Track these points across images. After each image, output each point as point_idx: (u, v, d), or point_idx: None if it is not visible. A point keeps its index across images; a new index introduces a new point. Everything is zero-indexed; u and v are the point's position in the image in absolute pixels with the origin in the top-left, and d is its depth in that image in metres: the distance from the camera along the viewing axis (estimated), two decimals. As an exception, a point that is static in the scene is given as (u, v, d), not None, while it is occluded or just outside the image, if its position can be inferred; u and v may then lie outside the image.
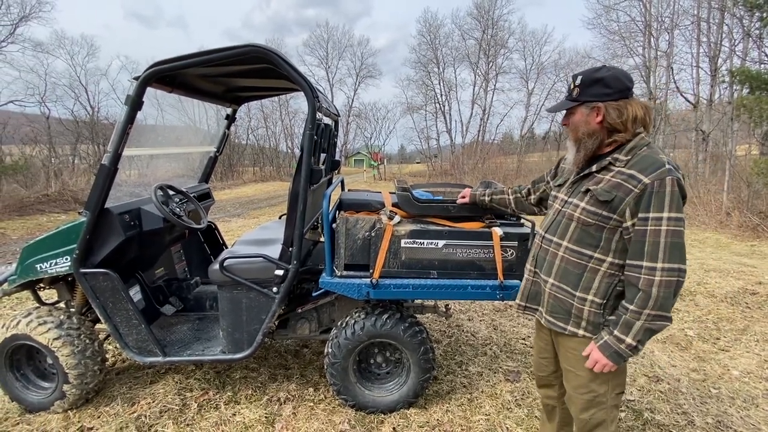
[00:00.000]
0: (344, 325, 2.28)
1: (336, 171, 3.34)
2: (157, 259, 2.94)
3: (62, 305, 2.57)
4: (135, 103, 2.03)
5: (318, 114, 2.15)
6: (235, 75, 2.60)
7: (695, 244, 7.15)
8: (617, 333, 1.34)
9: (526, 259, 1.71)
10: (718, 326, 3.72)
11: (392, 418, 2.33)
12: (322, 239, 2.32)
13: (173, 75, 2.29)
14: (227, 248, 3.23)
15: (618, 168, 1.37)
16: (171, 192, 2.76)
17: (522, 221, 2.43)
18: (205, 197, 3.26)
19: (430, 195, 2.45)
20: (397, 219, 2.17)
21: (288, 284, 2.22)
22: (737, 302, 4.25)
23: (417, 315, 2.63)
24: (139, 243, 2.51)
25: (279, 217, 3.39)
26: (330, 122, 2.88)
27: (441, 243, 2.13)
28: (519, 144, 31.31)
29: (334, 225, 2.19)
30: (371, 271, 2.14)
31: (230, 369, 2.84)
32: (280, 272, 2.22)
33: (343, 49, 37.74)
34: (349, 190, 2.85)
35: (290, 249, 2.21)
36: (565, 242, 1.48)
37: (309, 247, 2.68)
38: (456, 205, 2.23)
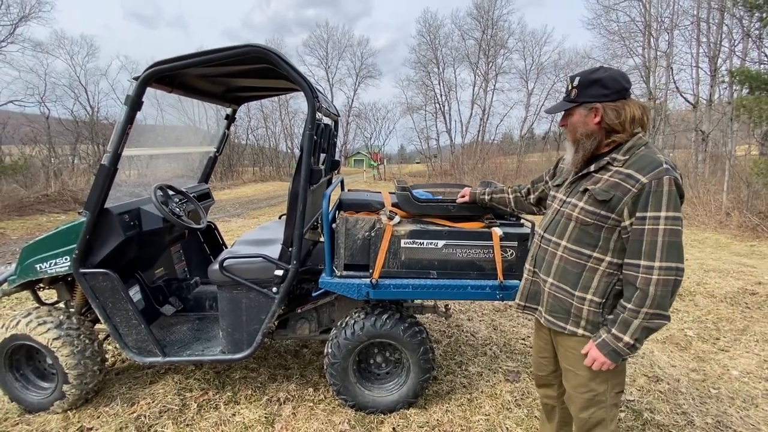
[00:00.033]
0: (344, 326, 2.28)
1: (336, 171, 3.34)
2: (157, 259, 2.94)
3: (62, 305, 2.57)
4: (135, 103, 2.03)
5: (318, 114, 2.15)
6: (235, 75, 2.60)
7: (695, 245, 7.15)
8: (615, 331, 1.35)
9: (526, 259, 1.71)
10: (718, 326, 3.72)
11: (392, 419, 2.33)
12: (322, 239, 2.32)
13: (173, 75, 2.29)
14: (227, 248, 3.24)
15: (616, 168, 1.38)
16: (171, 192, 2.76)
17: (522, 221, 2.43)
18: (205, 197, 3.26)
19: (430, 195, 2.45)
20: (397, 219, 2.17)
21: (288, 284, 2.22)
22: (737, 302, 4.25)
23: (417, 315, 2.62)
24: (139, 243, 2.51)
25: (279, 217, 3.39)
26: (330, 122, 2.88)
27: (441, 243, 2.13)
28: (519, 144, 31.33)
29: (334, 225, 2.19)
30: (371, 272, 2.15)
31: (230, 369, 2.84)
32: (280, 272, 2.22)
33: (343, 49, 37.76)
34: (349, 190, 2.85)
35: (290, 249, 2.21)
36: (564, 242, 1.49)
37: (309, 247, 2.68)
38: (456, 205, 2.23)
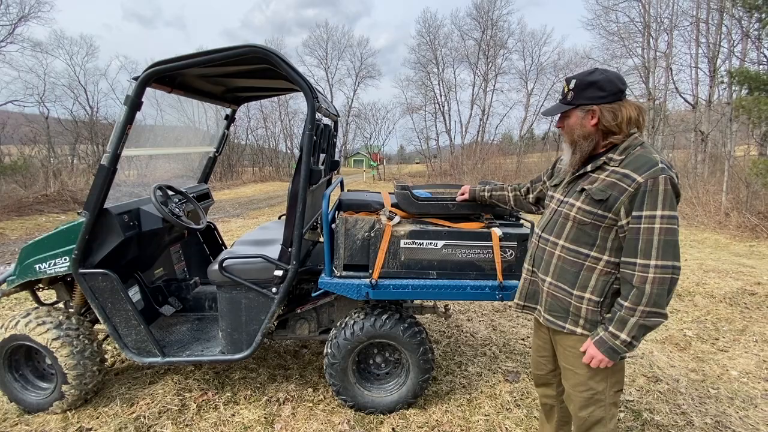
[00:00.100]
0: (343, 326, 2.28)
1: (335, 171, 3.34)
2: (156, 260, 2.94)
3: (61, 306, 2.57)
4: (134, 104, 2.03)
5: (317, 114, 2.15)
6: (235, 75, 2.60)
7: (694, 245, 7.16)
8: (612, 329, 1.36)
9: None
10: (717, 326, 3.72)
11: (391, 419, 2.33)
12: (322, 240, 2.32)
13: (173, 75, 2.29)
14: (226, 248, 3.23)
15: (612, 167, 1.39)
16: (170, 192, 2.76)
17: (521, 221, 2.44)
18: (205, 197, 3.26)
19: (429, 195, 2.45)
20: (397, 219, 2.17)
21: (287, 285, 2.22)
22: (736, 302, 4.25)
23: (416, 315, 2.62)
24: (138, 243, 2.51)
25: (278, 218, 3.39)
26: (329, 122, 2.88)
27: (440, 243, 2.13)
28: (518, 144, 31.37)
29: (334, 225, 2.19)
30: (370, 272, 2.15)
31: (229, 369, 2.84)
32: (280, 273, 2.22)
33: (343, 50, 37.87)
34: (349, 191, 2.85)
35: (289, 249, 2.21)
36: (562, 241, 1.50)
37: (308, 248, 2.68)
38: (456, 203, 2.24)
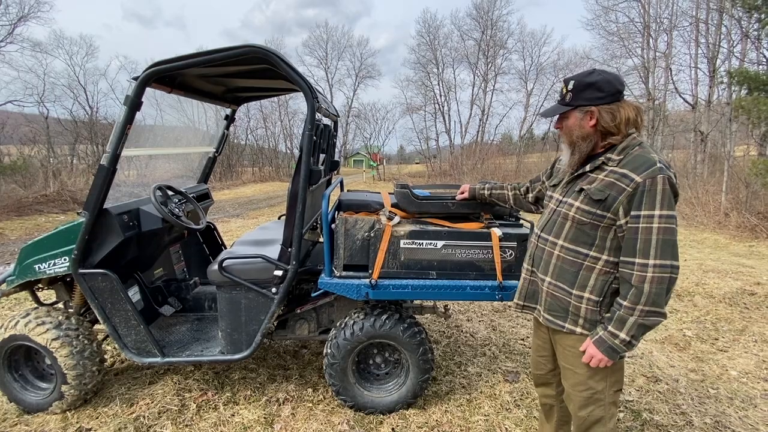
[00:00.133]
0: (343, 326, 2.28)
1: (335, 171, 3.34)
2: (156, 260, 2.94)
3: (61, 306, 2.57)
4: (134, 104, 2.03)
5: (317, 114, 2.15)
6: (235, 75, 2.60)
7: (693, 245, 7.16)
8: (611, 328, 1.37)
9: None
10: (717, 327, 3.72)
11: (391, 419, 2.33)
12: (321, 240, 2.32)
13: (172, 75, 2.29)
14: (226, 249, 3.23)
15: (611, 167, 1.40)
16: (170, 192, 2.76)
17: (521, 222, 2.44)
18: (204, 197, 3.26)
19: (429, 194, 2.45)
20: (397, 219, 2.17)
21: (287, 285, 2.22)
22: (735, 303, 4.25)
23: (416, 315, 2.62)
24: (138, 243, 2.51)
25: (278, 218, 3.39)
26: (329, 123, 2.88)
27: (440, 244, 2.13)
28: (518, 144, 31.38)
29: (334, 225, 2.19)
30: (370, 272, 2.15)
31: (229, 369, 2.84)
32: (279, 273, 2.22)
33: (343, 50, 37.85)
34: (348, 191, 2.85)
35: (289, 249, 2.21)
36: (561, 241, 1.50)
37: (308, 248, 2.68)
38: (455, 201, 2.24)
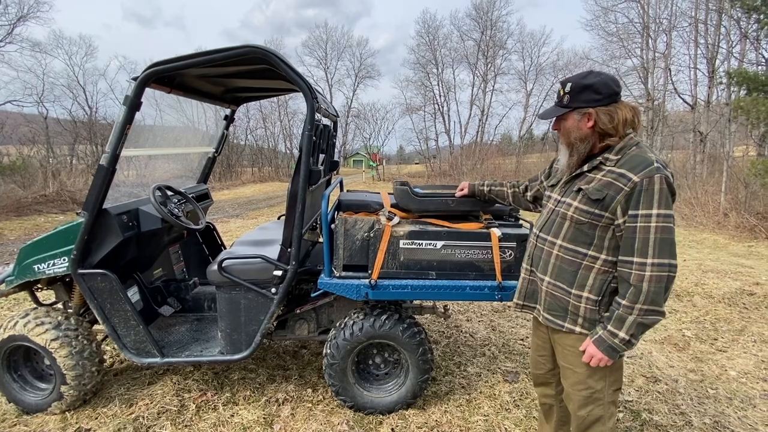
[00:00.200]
0: (343, 326, 2.28)
1: (335, 172, 3.34)
2: (156, 260, 2.94)
3: (60, 306, 2.56)
4: (133, 104, 2.03)
5: (317, 114, 2.15)
6: (234, 76, 2.60)
7: (693, 245, 7.17)
8: (611, 328, 1.37)
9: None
10: (716, 327, 3.73)
11: (391, 419, 2.33)
12: (321, 240, 2.32)
13: (172, 75, 2.29)
14: (225, 249, 3.23)
15: (608, 167, 1.41)
16: (169, 192, 2.76)
17: (520, 222, 2.44)
18: (204, 198, 3.25)
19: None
20: (396, 220, 2.17)
21: (286, 285, 2.22)
22: (735, 303, 4.26)
23: (415, 316, 2.63)
24: (138, 244, 2.51)
25: (278, 218, 3.39)
26: (329, 123, 2.88)
27: (439, 244, 2.13)
28: (517, 145, 31.40)
29: (333, 226, 2.19)
30: (370, 272, 2.14)
31: (228, 370, 2.84)
32: (279, 273, 2.22)
33: (342, 50, 37.79)
34: (348, 191, 2.85)
35: (289, 250, 2.21)
36: (560, 241, 1.51)
37: (308, 248, 2.68)
38: (455, 198, 2.23)
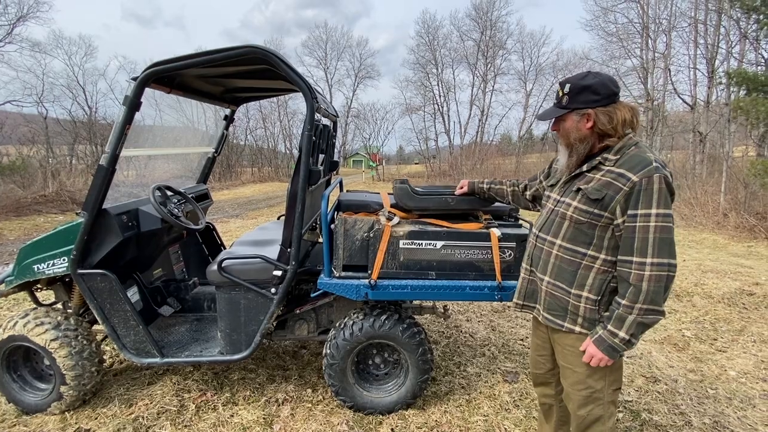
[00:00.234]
0: (342, 326, 2.28)
1: (334, 172, 3.34)
2: (155, 260, 2.93)
3: (59, 306, 2.56)
4: (133, 104, 2.03)
5: (316, 115, 2.15)
6: (234, 76, 2.60)
7: (692, 245, 7.17)
8: (611, 327, 1.37)
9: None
10: (716, 327, 3.73)
11: (390, 419, 2.33)
12: (321, 240, 2.32)
13: (172, 76, 2.29)
14: (225, 249, 3.23)
15: (607, 167, 1.41)
16: (169, 193, 2.76)
17: (520, 222, 2.44)
18: (204, 198, 3.25)
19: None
20: (396, 220, 2.17)
21: (286, 285, 2.22)
22: (734, 303, 4.26)
23: (415, 316, 2.63)
24: (137, 244, 2.51)
25: (277, 218, 3.39)
26: (328, 123, 2.88)
27: (439, 244, 2.13)
28: (517, 145, 31.43)
29: (333, 226, 2.19)
30: (370, 272, 2.14)
31: (228, 370, 2.84)
32: (279, 273, 2.22)
33: (342, 50, 37.81)
34: (348, 191, 2.85)
35: (288, 250, 2.21)
36: (559, 240, 1.51)
37: (307, 248, 2.68)
38: (455, 196, 2.23)
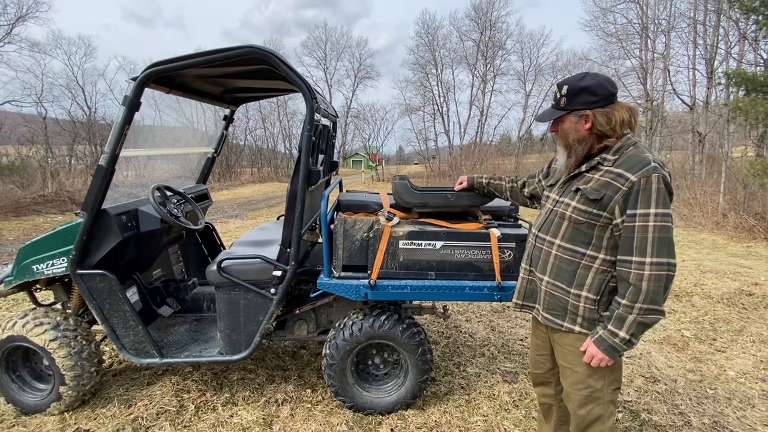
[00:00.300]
0: (342, 327, 2.28)
1: (334, 172, 3.34)
2: (155, 261, 2.93)
3: (59, 306, 2.56)
4: (132, 104, 2.03)
5: (316, 115, 2.15)
6: (234, 76, 2.60)
7: (691, 246, 7.18)
8: (611, 327, 1.38)
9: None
10: (715, 327, 3.73)
11: (390, 420, 2.33)
12: (320, 240, 2.32)
13: (171, 76, 2.29)
14: (225, 249, 3.23)
15: (606, 167, 1.41)
16: (168, 193, 2.76)
17: (519, 222, 2.44)
18: (203, 198, 3.25)
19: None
20: (396, 220, 2.17)
21: (286, 285, 2.22)
22: (733, 303, 4.26)
23: (415, 316, 2.62)
24: (137, 244, 2.51)
25: (277, 218, 3.39)
26: (328, 123, 2.88)
27: (439, 244, 2.14)
28: (516, 145, 31.47)
29: (332, 226, 2.19)
30: (369, 273, 2.14)
31: (228, 370, 2.84)
32: (278, 273, 2.22)
33: (342, 50, 37.86)
34: (347, 191, 2.85)
35: (288, 250, 2.21)
36: (558, 240, 1.51)
37: (307, 248, 2.68)
38: (455, 192, 2.23)
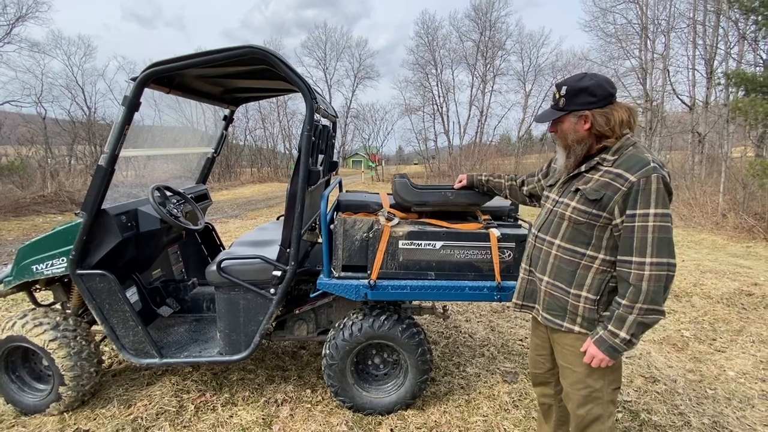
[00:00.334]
0: (342, 327, 2.28)
1: (334, 172, 3.34)
2: (154, 261, 2.93)
3: (58, 307, 2.56)
4: (132, 104, 2.03)
5: (316, 115, 2.15)
6: (233, 76, 2.60)
7: (691, 246, 7.18)
8: (611, 327, 1.38)
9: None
10: (714, 327, 3.74)
11: (390, 420, 2.33)
12: (320, 240, 2.32)
13: (171, 76, 2.29)
14: (224, 249, 3.23)
15: (606, 167, 1.41)
16: (168, 193, 2.75)
17: (519, 222, 2.44)
18: (203, 198, 3.25)
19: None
20: (396, 220, 2.17)
21: (285, 285, 2.22)
22: (733, 303, 4.27)
23: (415, 316, 2.63)
24: (136, 244, 2.51)
25: (277, 218, 3.39)
26: (328, 123, 2.88)
27: (439, 244, 2.14)
28: (516, 145, 31.49)
29: (332, 226, 2.19)
30: (369, 273, 2.14)
31: (227, 370, 2.84)
32: (278, 273, 2.22)
33: (342, 51, 37.87)
34: (347, 191, 2.85)
35: (288, 250, 2.21)
36: (558, 240, 1.51)
37: (307, 249, 2.68)
38: (454, 190, 2.23)
